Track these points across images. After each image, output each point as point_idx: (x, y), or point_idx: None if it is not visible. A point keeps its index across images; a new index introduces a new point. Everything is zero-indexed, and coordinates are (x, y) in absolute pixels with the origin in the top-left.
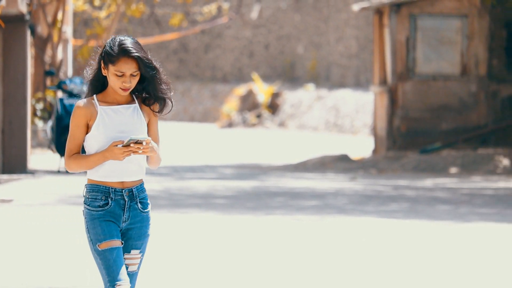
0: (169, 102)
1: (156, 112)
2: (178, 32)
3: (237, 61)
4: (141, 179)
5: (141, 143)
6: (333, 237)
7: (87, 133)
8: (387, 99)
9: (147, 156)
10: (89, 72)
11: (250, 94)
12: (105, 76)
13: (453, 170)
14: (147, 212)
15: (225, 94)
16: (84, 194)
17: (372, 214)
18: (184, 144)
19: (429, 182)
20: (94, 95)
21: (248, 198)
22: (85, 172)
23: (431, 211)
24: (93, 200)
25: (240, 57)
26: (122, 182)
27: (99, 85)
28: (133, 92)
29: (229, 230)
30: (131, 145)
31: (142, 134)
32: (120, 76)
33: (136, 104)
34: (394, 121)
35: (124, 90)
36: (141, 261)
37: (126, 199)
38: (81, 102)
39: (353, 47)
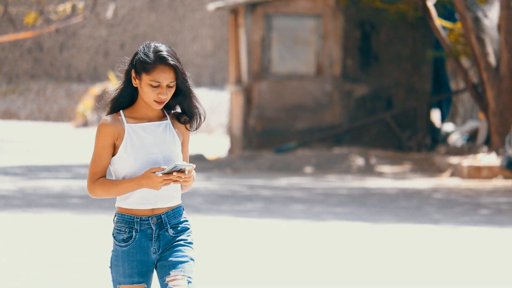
0: (201, 119)
1: (190, 130)
2: (32, 31)
3: (92, 61)
4: (176, 204)
5: (184, 171)
6: None
7: (113, 154)
8: (242, 99)
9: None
10: (115, 88)
11: (105, 94)
12: (134, 89)
13: (308, 169)
14: (182, 237)
15: (81, 94)
16: (114, 223)
17: (227, 214)
18: (39, 144)
19: (284, 181)
20: (121, 111)
21: (104, 198)
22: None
23: (286, 210)
24: (118, 232)
25: (95, 57)
26: (153, 208)
27: (126, 100)
28: (164, 107)
29: (84, 230)
30: (174, 173)
31: (182, 161)
32: (155, 86)
33: (168, 121)
34: (249, 121)
35: (159, 103)
36: (189, 283)
37: (154, 228)
38: (106, 119)
39: (209, 46)
